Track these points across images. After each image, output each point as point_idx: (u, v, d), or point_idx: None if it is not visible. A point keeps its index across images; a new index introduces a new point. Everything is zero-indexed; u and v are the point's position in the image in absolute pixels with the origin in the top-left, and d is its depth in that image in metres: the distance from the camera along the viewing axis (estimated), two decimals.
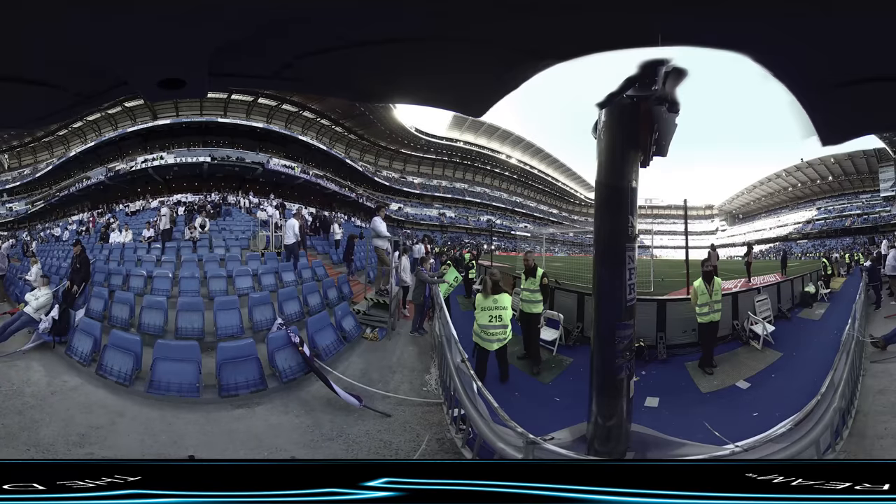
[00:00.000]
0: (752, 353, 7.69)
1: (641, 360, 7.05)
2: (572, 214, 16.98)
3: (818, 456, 4.35)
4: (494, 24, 2.62)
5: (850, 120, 3.34)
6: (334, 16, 2.48)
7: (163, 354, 6.43)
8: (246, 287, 8.74)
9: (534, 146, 15.94)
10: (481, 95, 3.41)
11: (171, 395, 6.13)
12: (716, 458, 4.11)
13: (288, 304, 8.23)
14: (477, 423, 4.97)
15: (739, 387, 6.74)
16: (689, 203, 15.04)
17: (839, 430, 4.85)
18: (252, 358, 6.54)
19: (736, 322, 8.14)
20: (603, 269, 4.55)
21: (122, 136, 12.58)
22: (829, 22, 2.43)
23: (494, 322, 6.48)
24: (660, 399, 6.27)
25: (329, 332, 7.57)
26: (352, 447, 5.40)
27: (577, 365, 7.28)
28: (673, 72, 4.09)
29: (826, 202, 14.14)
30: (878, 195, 12.99)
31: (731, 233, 15.54)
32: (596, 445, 4.68)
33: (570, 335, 7.95)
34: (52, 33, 2.42)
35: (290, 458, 5.07)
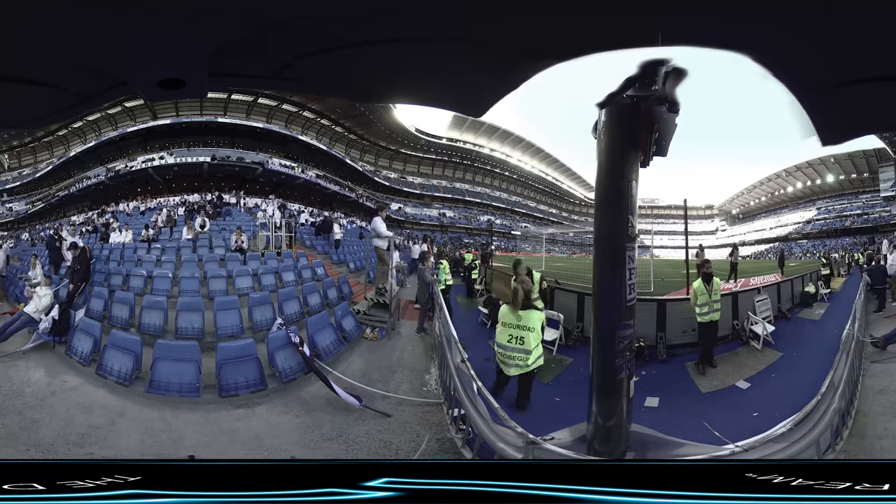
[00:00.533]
0: (752, 353, 7.69)
1: (641, 360, 7.05)
2: (572, 214, 16.98)
3: (818, 456, 4.35)
4: (494, 24, 2.62)
5: (850, 120, 3.34)
6: (335, 16, 2.48)
7: (163, 354, 6.43)
8: (246, 287, 8.74)
9: (534, 146, 15.94)
10: (481, 95, 3.41)
11: (171, 395, 6.12)
12: (716, 458, 4.11)
13: (288, 304, 8.24)
14: (477, 423, 4.97)
15: (739, 387, 6.74)
16: (689, 203, 15.05)
17: (839, 430, 4.84)
18: (252, 358, 6.54)
19: (736, 322, 8.15)
20: (603, 269, 4.55)
21: (122, 136, 12.58)
22: (829, 22, 2.43)
23: (514, 344, 5.52)
24: (660, 399, 6.27)
25: (329, 332, 7.57)
26: (352, 447, 5.40)
27: (577, 365, 7.28)
28: (673, 72, 4.09)
29: (826, 202, 14.14)
30: (878, 195, 12.99)
31: (731, 233, 15.54)
32: (596, 445, 4.68)
33: (570, 335, 7.95)
34: (52, 33, 2.42)
35: (290, 458, 5.08)
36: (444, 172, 15.79)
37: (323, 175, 13.96)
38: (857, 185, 13.53)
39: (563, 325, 7.88)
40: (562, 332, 7.83)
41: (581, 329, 7.86)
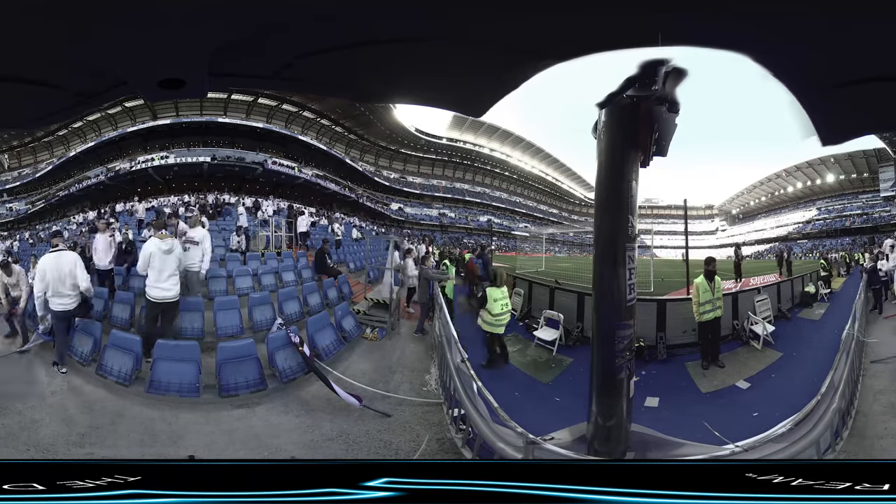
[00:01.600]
0: (752, 353, 7.69)
1: (641, 360, 7.04)
2: (572, 214, 16.97)
3: (818, 456, 4.35)
4: (494, 24, 2.63)
5: (850, 120, 3.35)
6: (334, 16, 2.48)
7: (163, 354, 6.43)
8: (246, 287, 8.74)
9: (534, 146, 15.92)
10: (481, 95, 3.42)
11: (171, 395, 6.12)
12: (716, 458, 4.11)
13: (288, 304, 8.23)
14: (477, 423, 4.97)
15: (739, 387, 6.74)
16: (689, 203, 15.02)
17: (839, 430, 4.84)
18: (252, 358, 6.53)
19: (736, 322, 8.15)
20: (603, 269, 4.55)
21: (122, 136, 12.57)
22: (829, 22, 2.43)
23: (505, 310, 7.24)
24: (660, 399, 6.27)
25: (329, 332, 7.57)
26: (352, 447, 5.40)
27: (577, 365, 7.28)
28: (673, 72, 4.10)
29: (826, 202, 14.13)
30: (878, 195, 12.98)
31: (731, 233, 15.53)
32: (596, 445, 4.68)
33: (570, 335, 7.95)
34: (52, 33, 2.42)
35: (290, 458, 5.08)
36: (444, 172, 15.78)
37: (323, 175, 13.95)
38: (857, 185, 13.52)
39: (563, 325, 7.88)
40: (562, 332, 7.83)
41: (581, 329, 7.86)
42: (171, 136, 12.57)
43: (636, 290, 4.60)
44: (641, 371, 6.90)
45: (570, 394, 6.24)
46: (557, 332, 7.80)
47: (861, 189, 13.46)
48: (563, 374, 7.17)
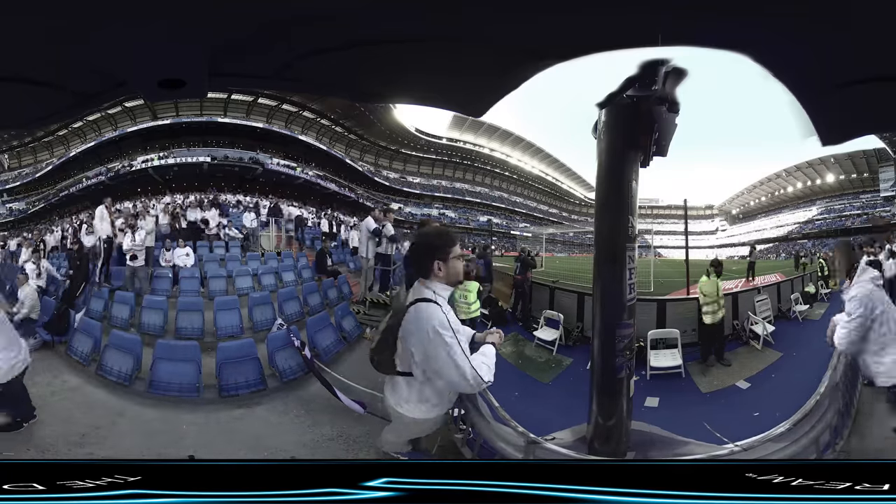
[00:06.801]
0: (752, 353, 7.69)
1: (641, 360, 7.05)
2: (572, 214, 16.96)
3: (818, 456, 4.35)
4: (494, 25, 2.63)
5: (851, 120, 3.35)
6: (335, 16, 2.48)
7: (163, 354, 6.43)
8: (246, 287, 8.73)
9: (534, 146, 15.90)
10: (481, 95, 3.42)
11: (172, 395, 6.12)
12: (716, 457, 4.11)
13: (288, 304, 8.23)
14: (477, 422, 4.97)
15: (739, 387, 6.74)
16: (689, 203, 15.00)
17: (839, 430, 4.84)
18: (252, 358, 6.53)
19: (736, 322, 8.15)
20: (603, 268, 4.55)
21: (122, 136, 12.57)
22: (829, 22, 2.43)
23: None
24: (660, 399, 6.27)
25: (329, 332, 7.57)
26: (352, 447, 5.40)
27: (577, 365, 7.28)
28: (673, 72, 4.10)
29: (826, 202, 14.13)
30: (879, 195, 12.98)
31: (731, 233, 15.53)
32: (596, 445, 4.68)
33: (570, 335, 7.95)
34: (52, 33, 2.42)
35: (290, 458, 5.07)
36: (444, 172, 15.77)
37: (323, 175, 13.95)
38: (857, 185, 13.52)
39: (563, 325, 7.88)
40: (562, 332, 7.83)
41: (581, 329, 7.86)
42: (170, 136, 12.57)
43: (636, 290, 4.60)
44: (641, 371, 6.90)
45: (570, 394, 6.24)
46: (557, 332, 7.80)
47: (861, 189, 13.46)
48: (563, 374, 7.17)
